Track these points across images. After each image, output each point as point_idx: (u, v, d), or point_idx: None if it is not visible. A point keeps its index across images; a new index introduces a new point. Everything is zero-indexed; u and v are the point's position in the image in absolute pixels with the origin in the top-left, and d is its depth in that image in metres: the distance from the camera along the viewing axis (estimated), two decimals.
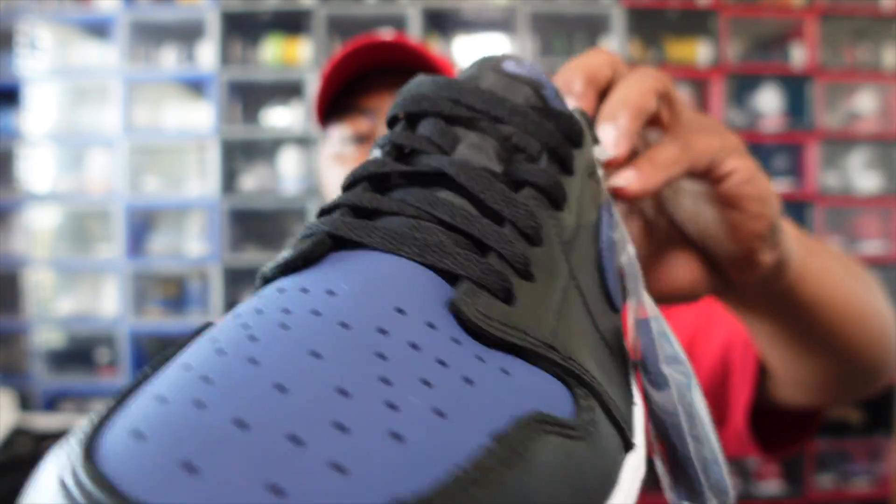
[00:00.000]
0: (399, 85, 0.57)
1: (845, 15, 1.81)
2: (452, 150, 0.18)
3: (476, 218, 0.16)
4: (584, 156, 0.19)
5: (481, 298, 0.14)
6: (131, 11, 1.77)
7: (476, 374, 0.13)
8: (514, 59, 0.20)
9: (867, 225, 1.83)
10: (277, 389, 0.11)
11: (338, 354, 0.12)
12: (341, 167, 0.57)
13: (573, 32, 1.84)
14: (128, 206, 1.77)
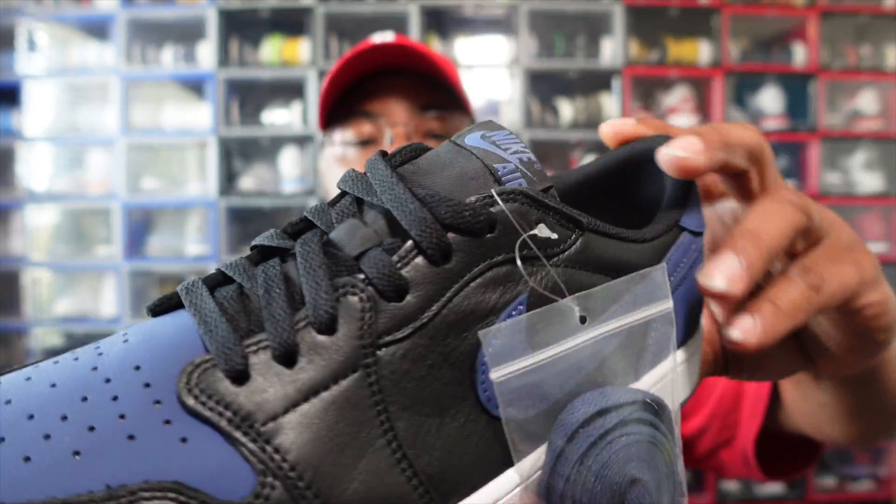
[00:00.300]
0: (403, 88, 0.57)
1: (847, 14, 1.80)
2: (335, 226, 0.19)
3: (275, 297, 0.17)
4: (492, 243, 0.18)
5: (208, 373, 0.16)
6: (130, 11, 1.77)
7: (146, 433, 0.15)
8: (486, 131, 0.20)
9: (869, 225, 1.82)
10: None
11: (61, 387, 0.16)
12: (342, 168, 0.56)
13: (574, 31, 1.84)
14: (126, 206, 1.77)
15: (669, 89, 1.81)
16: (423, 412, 0.17)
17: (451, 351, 0.17)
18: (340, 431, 0.16)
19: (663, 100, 1.82)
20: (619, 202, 0.25)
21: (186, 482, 0.14)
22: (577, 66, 1.77)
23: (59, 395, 0.16)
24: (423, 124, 0.55)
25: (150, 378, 0.16)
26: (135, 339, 0.18)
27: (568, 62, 1.78)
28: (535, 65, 1.76)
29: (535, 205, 0.18)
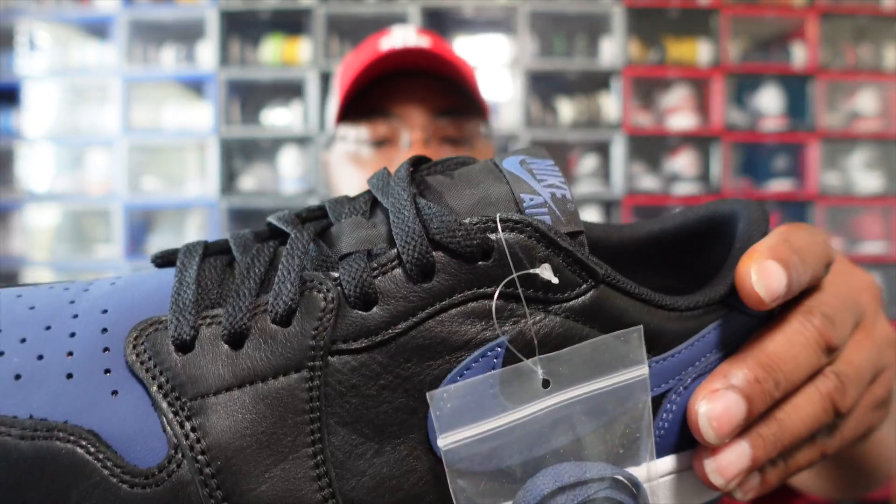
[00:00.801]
0: (423, 90, 0.56)
1: (846, 14, 1.80)
2: (339, 221, 0.18)
3: (250, 277, 0.17)
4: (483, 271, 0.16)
5: (158, 335, 0.16)
6: (130, 11, 1.77)
7: (84, 375, 0.15)
8: (528, 157, 0.19)
9: (868, 225, 1.83)
10: None
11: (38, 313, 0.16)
12: (356, 168, 0.56)
13: (573, 32, 1.84)
14: (127, 207, 1.77)
15: (669, 89, 1.81)
16: (363, 433, 0.16)
17: (411, 377, 0.16)
18: (264, 429, 0.15)
19: (663, 100, 1.83)
20: (693, 266, 0.23)
21: (102, 435, 0.15)
22: (576, 66, 1.77)
23: (28, 319, 0.16)
24: (441, 129, 0.55)
25: (110, 324, 0.16)
26: (120, 284, 0.18)
27: (568, 62, 1.78)
28: (535, 65, 1.76)
29: (544, 241, 0.17)
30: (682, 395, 0.18)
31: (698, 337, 0.18)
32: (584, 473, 0.16)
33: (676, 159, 1.79)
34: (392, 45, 0.54)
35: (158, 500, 0.15)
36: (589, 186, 1.78)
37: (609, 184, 1.78)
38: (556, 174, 0.18)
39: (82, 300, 0.17)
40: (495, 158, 0.19)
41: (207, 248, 0.19)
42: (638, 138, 1.78)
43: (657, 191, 1.79)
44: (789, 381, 0.18)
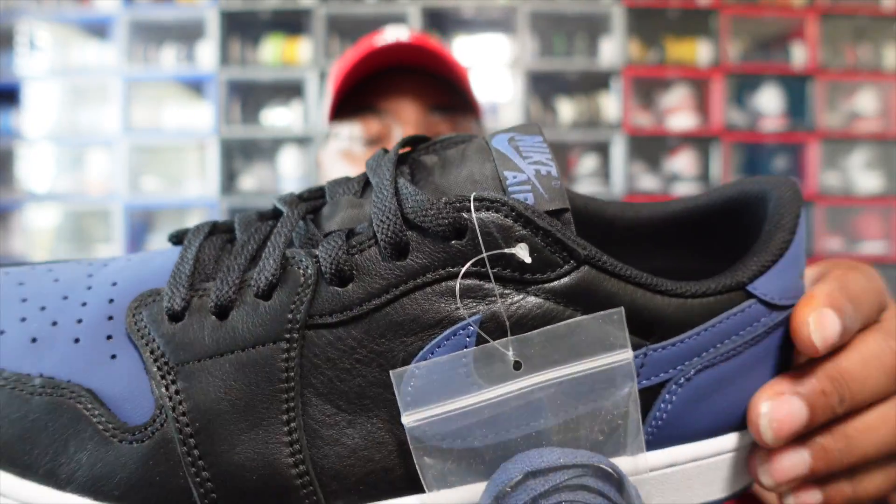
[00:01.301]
0: (414, 87, 0.56)
1: (846, 14, 1.80)
2: (332, 200, 0.19)
3: (241, 253, 0.18)
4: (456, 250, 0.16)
5: (155, 305, 0.17)
6: (131, 11, 1.77)
7: (89, 340, 0.17)
8: (518, 134, 0.18)
9: (868, 225, 1.83)
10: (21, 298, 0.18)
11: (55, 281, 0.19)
12: (349, 165, 0.56)
13: (573, 32, 1.84)
14: (127, 207, 1.77)
15: (669, 89, 1.81)
16: (337, 404, 0.16)
17: (386, 352, 0.16)
18: (242, 395, 0.16)
19: (662, 100, 1.83)
20: (719, 249, 0.22)
21: (98, 394, 0.16)
22: (576, 66, 1.77)
23: (51, 290, 0.18)
24: (433, 125, 0.55)
25: (116, 295, 0.18)
26: (135, 260, 0.19)
27: (567, 62, 1.78)
28: (535, 65, 1.76)
29: (520, 221, 0.16)
30: (685, 386, 0.17)
31: (706, 326, 0.17)
32: (560, 459, 0.15)
33: (676, 159, 1.79)
34: (385, 42, 0.55)
35: (143, 454, 0.16)
36: (589, 186, 1.78)
37: (609, 184, 1.78)
38: (544, 150, 0.18)
39: (99, 274, 0.19)
40: (488, 136, 0.19)
41: (215, 227, 0.20)
42: (638, 138, 1.78)
43: (657, 191, 1.79)
44: (855, 401, 0.18)
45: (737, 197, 0.21)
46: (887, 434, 0.18)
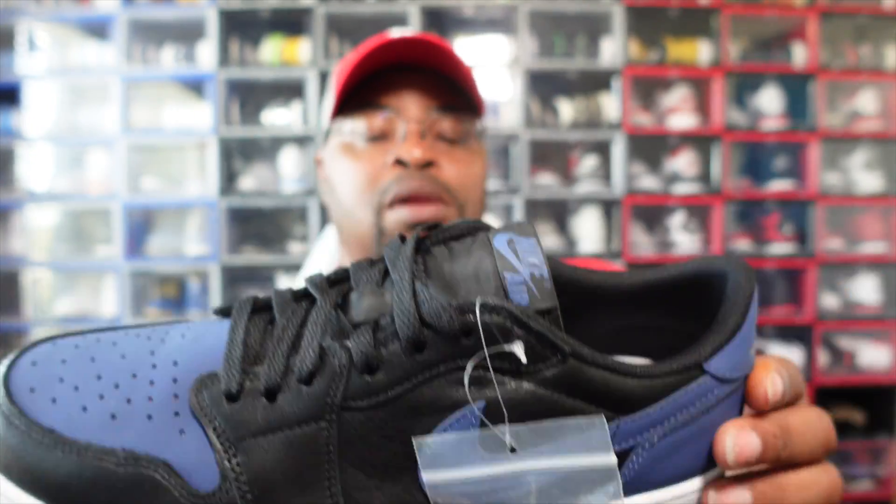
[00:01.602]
0: (420, 85, 0.56)
1: (846, 14, 1.80)
2: (357, 288, 0.22)
3: (284, 339, 0.21)
4: (464, 346, 0.20)
5: (214, 387, 0.20)
6: (130, 11, 1.77)
7: (160, 417, 0.20)
8: (516, 235, 0.22)
9: (868, 225, 1.82)
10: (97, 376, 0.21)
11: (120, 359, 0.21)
12: (351, 160, 0.55)
13: (573, 31, 1.84)
14: (127, 206, 1.77)
15: (669, 89, 1.81)
16: (368, 472, 0.20)
17: (406, 429, 0.20)
18: (291, 466, 0.19)
19: (663, 100, 1.82)
20: (689, 311, 0.25)
21: (173, 465, 0.19)
22: (576, 66, 1.77)
23: (121, 366, 0.21)
24: (437, 124, 0.54)
25: (179, 375, 0.21)
26: (189, 337, 0.22)
27: (568, 62, 1.78)
28: (535, 65, 1.76)
29: (517, 323, 0.20)
30: (649, 450, 0.21)
31: (667, 401, 0.21)
32: None
33: (676, 159, 1.79)
34: (394, 38, 0.54)
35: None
36: (589, 186, 1.77)
37: (609, 184, 1.78)
38: (538, 253, 0.21)
39: (160, 351, 0.22)
40: (491, 232, 0.22)
41: (255, 304, 0.23)
42: (638, 138, 1.77)
43: (657, 191, 1.79)
44: (793, 452, 0.22)
45: (701, 271, 0.24)
46: (817, 494, 0.23)
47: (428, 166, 0.53)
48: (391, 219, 0.52)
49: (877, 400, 1.84)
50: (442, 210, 0.52)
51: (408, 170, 0.52)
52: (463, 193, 0.54)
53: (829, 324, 1.77)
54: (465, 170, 0.55)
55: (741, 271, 0.23)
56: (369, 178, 0.53)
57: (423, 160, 0.52)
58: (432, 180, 0.52)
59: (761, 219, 1.82)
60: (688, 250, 1.77)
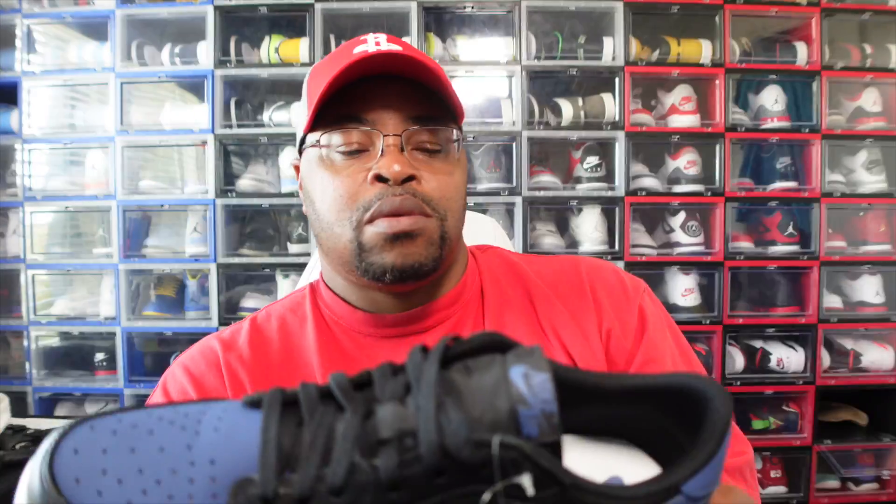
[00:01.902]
0: (396, 96, 0.55)
1: (850, 11, 1.78)
2: (382, 398, 0.24)
3: (315, 450, 0.23)
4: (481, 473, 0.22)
5: (251, 488, 0.22)
6: (127, 9, 1.76)
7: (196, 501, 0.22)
8: (531, 370, 0.24)
9: (872, 225, 1.81)
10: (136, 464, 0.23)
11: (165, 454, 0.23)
12: (329, 174, 0.54)
13: (575, 30, 1.82)
14: (124, 206, 1.76)
15: (671, 88, 1.79)
16: None
17: None
18: None
19: (665, 99, 1.81)
20: (667, 413, 0.28)
21: None
22: (577, 64, 1.76)
23: (160, 461, 0.23)
24: (415, 136, 0.54)
25: (217, 475, 0.23)
26: (223, 432, 0.24)
27: (569, 61, 1.76)
28: (536, 64, 1.75)
29: (527, 460, 0.22)
30: None
31: None
32: None
33: (678, 159, 1.77)
34: (365, 50, 0.53)
35: None
36: (590, 186, 1.76)
37: (610, 183, 1.76)
38: (549, 390, 0.23)
39: (196, 446, 0.23)
40: (507, 359, 0.24)
41: (284, 399, 0.25)
42: (639, 137, 1.76)
43: (659, 190, 1.77)
44: None
45: (685, 386, 0.27)
46: None
47: (408, 180, 0.52)
48: (370, 231, 0.52)
49: (879, 401, 1.83)
50: (421, 221, 0.52)
51: (388, 186, 0.51)
52: (444, 205, 0.54)
53: (832, 325, 1.76)
54: (445, 181, 0.54)
55: (721, 398, 0.26)
56: (349, 194, 0.53)
57: (403, 175, 0.51)
58: (413, 196, 0.52)
59: (763, 219, 1.81)
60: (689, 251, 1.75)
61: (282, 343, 0.58)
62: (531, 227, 1.79)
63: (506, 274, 0.63)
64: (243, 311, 1.77)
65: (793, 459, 1.78)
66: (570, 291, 0.60)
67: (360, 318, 0.57)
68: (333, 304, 0.59)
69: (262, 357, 0.56)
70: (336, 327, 0.58)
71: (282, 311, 0.61)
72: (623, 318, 0.58)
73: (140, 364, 1.81)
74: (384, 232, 0.51)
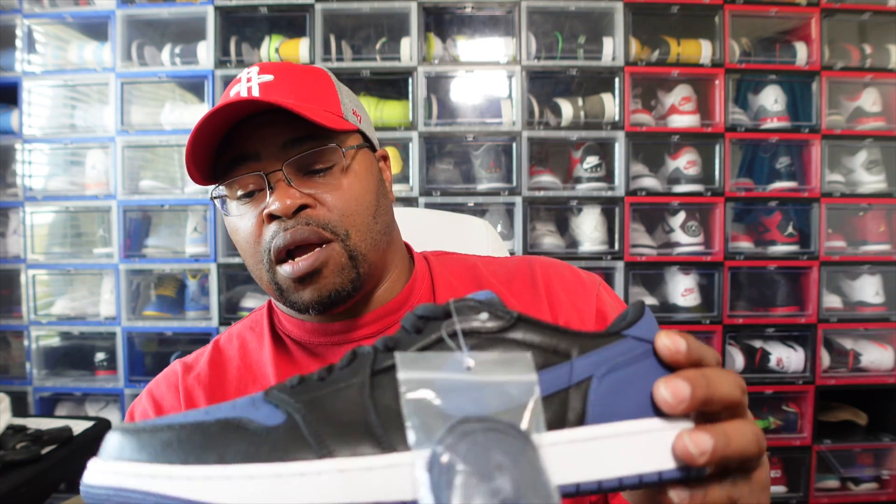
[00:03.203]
0: (269, 126, 0.53)
1: (850, 11, 1.79)
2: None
3: None
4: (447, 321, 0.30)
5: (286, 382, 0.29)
6: (128, 9, 1.76)
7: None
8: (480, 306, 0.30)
9: (871, 225, 1.81)
10: None
11: None
12: (234, 220, 0.55)
13: (574, 30, 1.83)
14: (125, 206, 1.76)
15: (670, 88, 1.79)
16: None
17: None
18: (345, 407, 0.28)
19: (664, 99, 1.81)
20: None
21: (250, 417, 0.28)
22: (577, 64, 1.76)
23: None
24: (298, 162, 0.53)
25: None
26: None
27: (569, 61, 1.77)
28: (536, 64, 1.75)
29: (481, 304, 0.30)
30: (601, 381, 0.29)
31: (606, 348, 0.30)
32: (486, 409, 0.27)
33: (678, 159, 1.78)
34: (238, 92, 0.54)
35: None
36: (590, 186, 1.76)
37: (610, 183, 1.77)
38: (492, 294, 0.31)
39: None
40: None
41: None
42: (639, 137, 1.76)
43: (659, 190, 1.77)
44: (716, 391, 0.29)
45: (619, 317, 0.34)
46: (750, 435, 0.29)
47: (302, 209, 0.52)
48: (282, 276, 0.53)
49: (879, 401, 1.83)
50: (321, 254, 0.52)
51: (282, 221, 0.52)
52: (344, 222, 0.53)
53: (832, 324, 1.76)
54: (340, 197, 0.54)
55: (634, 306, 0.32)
56: (252, 237, 0.54)
57: (292, 208, 0.52)
58: (306, 224, 0.52)
59: (763, 219, 1.81)
60: (689, 251, 1.76)
61: (241, 360, 0.60)
62: (531, 227, 1.79)
63: (461, 276, 0.64)
64: (243, 310, 1.77)
65: (792, 459, 1.78)
66: (524, 287, 0.62)
67: (308, 328, 0.59)
68: (284, 319, 0.61)
69: (220, 375, 0.59)
70: (288, 340, 0.60)
71: (242, 329, 0.63)
72: (580, 308, 0.60)
73: (140, 364, 1.81)
74: (290, 276, 0.53)
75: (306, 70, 0.59)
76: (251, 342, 0.61)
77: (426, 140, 1.76)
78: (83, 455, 1.36)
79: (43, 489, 1.21)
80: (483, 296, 0.30)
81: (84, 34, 1.87)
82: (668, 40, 1.77)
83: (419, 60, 1.74)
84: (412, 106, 1.74)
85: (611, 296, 0.63)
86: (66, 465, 1.27)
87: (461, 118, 1.80)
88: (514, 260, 0.67)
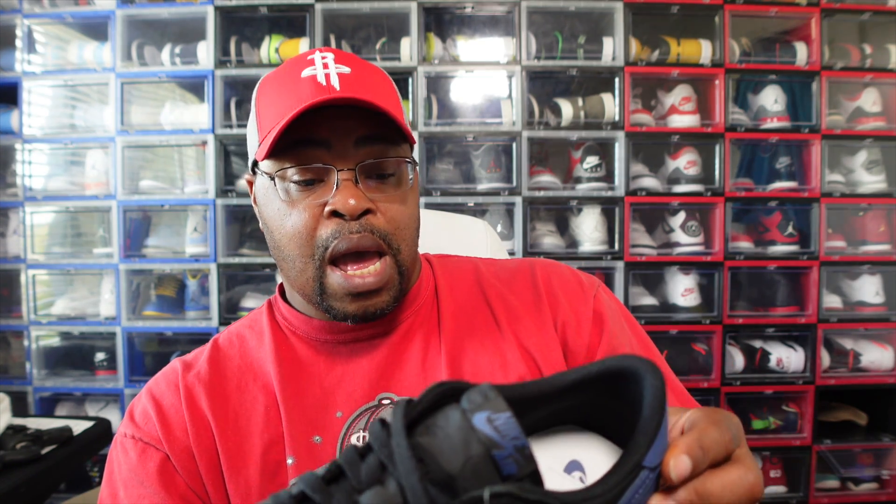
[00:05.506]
0: (345, 121, 0.55)
1: (850, 11, 1.79)
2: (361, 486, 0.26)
3: None
4: None
5: None
6: (128, 9, 1.76)
7: None
8: (492, 413, 0.25)
9: (871, 225, 1.81)
10: None
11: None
12: (285, 205, 0.53)
13: (574, 30, 1.83)
14: (125, 206, 1.76)
15: (670, 88, 1.79)
16: None
17: None
18: None
19: (664, 99, 1.81)
20: (608, 394, 0.31)
21: None
22: (577, 64, 1.76)
23: None
24: (368, 166, 0.53)
25: None
26: None
27: (569, 61, 1.77)
28: (536, 64, 1.75)
29: (517, 500, 0.24)
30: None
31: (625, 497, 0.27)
32: None
33: (678, 159, 1.78)
34: (313, 75, 0.52)
35: None
36: (590, 186, 1.76)
37: (610, 183, 1.77)
38: (514, 426, 0.25)
39: None
40: (464, 407, 0.25)
41: None
42: (639, 137, 1.76)
43: (659, 190, 1.78)
44: (713, 455, 0.29)
45: (616, 367, 0.30)
46: (743, 485, 0.29)
47: (364, 214, 0.52)
48: (333, 282, 0.53)
49: (879, 401, 1.83)
50: (384, 272, 0.52)
51: (345, 222, 0.51)
52: (398, 237, 0.54)
53: (832, 324, 1.76)
54: (399, 211, 0.54)
55: (652, 372, 0.29)
56: (307, 228, 0.52)
57: (359, 210, 0.51)
58: (369, 233, 0.52)
59: (763, 219, 1.81)
60: (689, 251, 1.76)
61: (241, 358, 0.59)
62: (531, 227, 1.79)
63: (462, 278, 0.64)
64: (243, 310, 1.77)
65: (792, 459, 1.78)
66: (524, 288, 0.62)
67: (316, 325, 0.59)
68: (290, 315, 0.60)
69: (220, 373, 0.58)
70: (293, 337, 0.60)
71: (240, 328, 0.63)
72: (578, 310, 0.60)
73: (140, 364, 1.81)
74: (346, 290, 0.52)
75: (374, 68, 0.58)
76: (250, 340, 0.61)
77: (426, 140, 1.76)
78: (83, 455, 1.36)
79: (43, 489, 1.21)
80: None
81: (84, 34, 1.87)
82: (668, 40, 1.77)
83: (419, 60, 1.74)
84: (412, 106, 1.74)
85: (610, 297, 0.64)
86: (66, 465, 1.27)
87: (461, 118, 1.80)
88: (515, 261, 0.67)
